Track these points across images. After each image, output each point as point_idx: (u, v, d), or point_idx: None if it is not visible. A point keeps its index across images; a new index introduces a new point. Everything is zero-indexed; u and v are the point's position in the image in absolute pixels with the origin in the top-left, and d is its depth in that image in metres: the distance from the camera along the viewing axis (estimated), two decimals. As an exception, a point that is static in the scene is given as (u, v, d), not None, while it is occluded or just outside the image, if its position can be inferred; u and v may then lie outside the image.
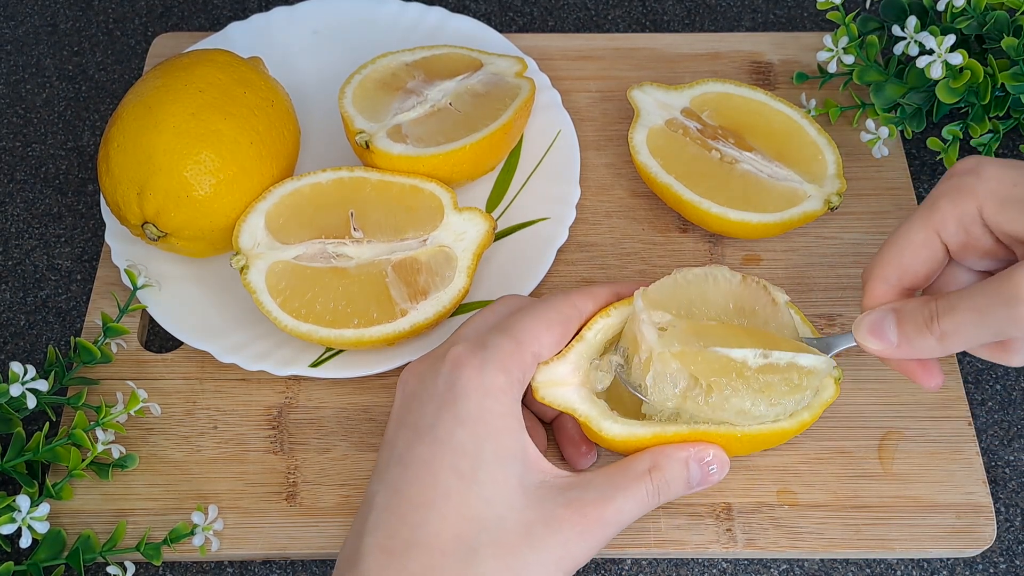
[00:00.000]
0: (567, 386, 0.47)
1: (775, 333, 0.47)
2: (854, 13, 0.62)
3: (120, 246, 0.57)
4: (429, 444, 0.44)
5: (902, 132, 0.63)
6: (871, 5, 0.64)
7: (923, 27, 0.58)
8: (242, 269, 0.52)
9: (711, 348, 0.45)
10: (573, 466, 0.52)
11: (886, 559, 0.51)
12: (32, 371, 0.49)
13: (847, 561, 0.51)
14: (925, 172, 0.64)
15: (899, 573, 0.51)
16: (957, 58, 0.54)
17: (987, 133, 0.58)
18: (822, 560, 0.51)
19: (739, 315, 0.48)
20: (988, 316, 0.40)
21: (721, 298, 0.48)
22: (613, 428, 0.46)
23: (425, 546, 0.42)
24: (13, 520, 0.46)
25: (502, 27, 0.72)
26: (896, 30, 0.58)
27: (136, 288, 0.55)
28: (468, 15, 0.68)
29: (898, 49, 0.57)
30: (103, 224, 0.62)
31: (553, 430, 0.53)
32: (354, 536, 0.44)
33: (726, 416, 0.45)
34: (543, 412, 0.52)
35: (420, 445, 0.44)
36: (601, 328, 0.48)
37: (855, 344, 0.45)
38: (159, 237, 0.53)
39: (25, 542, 0.46)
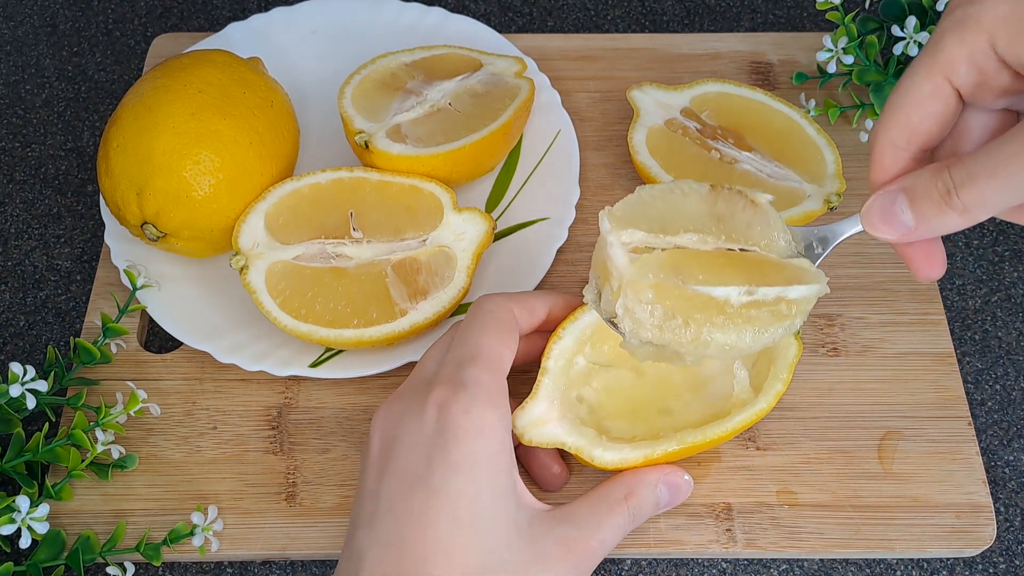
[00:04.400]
0: (549, 423, 0.46)
1: (760, 239, 0.43)
2: (854, 13, 0.62)
3: (120, 246, 0.57)
4: (423, 494, 0.41)
5: (902, 132, 0.63)
6: (871, 5, 0.64)
7: (923, 27, 0.58)
8: (242, 269, 0.52)
9: (690, 287, 0.41)
10: (544, 487, 0.51)
11: (886, 559, 0.51)
12: (32, 371, 0.49)
13: (847, 561, 0.51)
14: (925, 172, 0.64)
15: (899, 573, 0.51)
16: (957, 58, 0.54)
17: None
18: (822, 560, 0.51)
19: (718, 223, 0.44)
20: (1013, 176, 0.35)
21: (694, 209, 0.44)
22: (605, 456, 0.46)
23: None
24: (13, 521, 0.46)
25: (501, 27, 0.72)
26: (896, 30, 0.58)
27: (136, 288, 0.55)
28: (467, 15, 0.68)
29: (898, 49, 0.57)
30: (103, 224, 0.62)
31: (520, 455, 0.51)
32: None
33: (709, 351, 0.42)
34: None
35: (413, 495, 0.41)
36: (560, 353, 0.47)
37: (861, 231, 0.41)
38: (159, 237, 0.53)
39: (25, 542, 0.46)
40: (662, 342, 0.42)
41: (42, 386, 0.49)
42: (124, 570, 0.49)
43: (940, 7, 0.57)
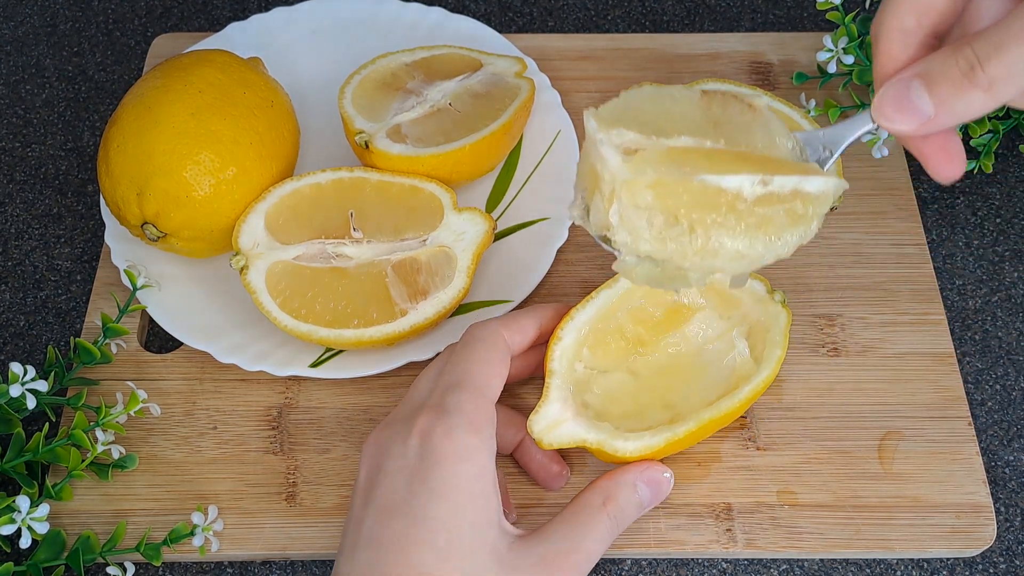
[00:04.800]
0: (566, 422, 0.46)
1: (761, 143, 0.39)
2: (854, 13, 0.62)
3: (120, 246, 0.57)
4: (403, 521, 0.41)
5: (902, 132, 0.62)
6: (871, 5, 0.64)
7: (923, 27, 0.58)
8: (242, 269, 0.52)
9: (698, 177, 0.36)
10: (547, 488, 0.51)
11: (886, 559, 0.51)
12: (32, 372, 0.49)
13: (847, 561, 0.51)
14: (924, 172, 0.64)
15: (899, 573, 0.51)
16: (957, 58, 0.54)
17: (986, 133, 0.58)
18: (822, 560, 0.51)
19: (715, 127, 0.39)
20: None
21: (687, 113, 0.39)
22: (627, 446, 0.46)
23: None
24: (13, 521, 0.46)
25: (502, 27, 0.72)
26: (896, 30, 0.57)
27: (136, 288, 0.55)
28: (468, 15, 0.68)
29: (898, 49, 0.57)
30: (103, 225, 0.62)
31: (518, 457, 0.52)
32: None
33: (717, 263, 0.38)
34: (503, 445, 0.51)
35: (393, 523, 0.41)
36: (563, 354, 0.47)
37: (872, 128, 0.38)
38: (159, 237, 0.53)
39: (25, 543, 0.46)
40: (663, 255, 0.38)
41: (42, 386, 0.49)
42: (124, 570, 0.49)
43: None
